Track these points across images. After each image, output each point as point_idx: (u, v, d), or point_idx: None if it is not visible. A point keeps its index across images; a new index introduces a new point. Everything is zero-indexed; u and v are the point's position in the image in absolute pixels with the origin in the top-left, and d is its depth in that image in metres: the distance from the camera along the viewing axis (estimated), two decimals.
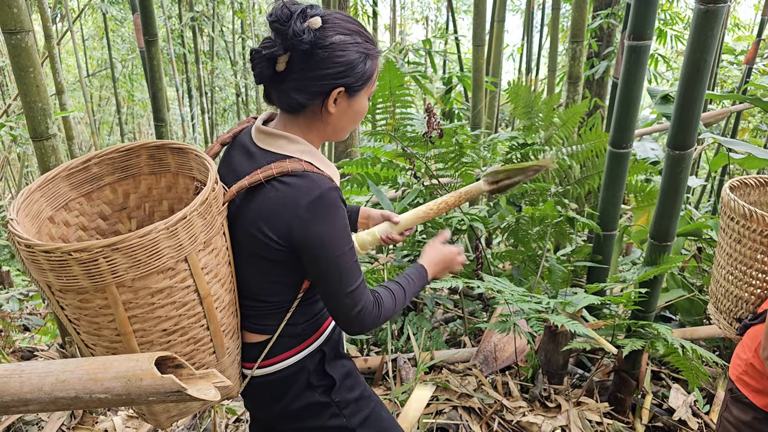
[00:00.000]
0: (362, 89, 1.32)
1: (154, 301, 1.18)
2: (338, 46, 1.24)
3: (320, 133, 1.37)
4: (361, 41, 1.28)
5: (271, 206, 1.26)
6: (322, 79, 1.25)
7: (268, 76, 1.26)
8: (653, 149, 3.97)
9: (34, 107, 2.49)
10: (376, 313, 1.35)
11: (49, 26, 6.44)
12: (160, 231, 1.12)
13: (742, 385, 1.61)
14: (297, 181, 1.25)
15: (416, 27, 16.08)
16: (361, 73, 1.29)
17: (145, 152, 1.48)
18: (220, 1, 10.47)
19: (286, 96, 1.28)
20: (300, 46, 1.20)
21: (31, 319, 4.09)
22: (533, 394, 2.62)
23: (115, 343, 1.22)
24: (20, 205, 1.27)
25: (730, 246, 1.79)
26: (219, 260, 1.29)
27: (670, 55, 8.59)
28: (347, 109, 1.33)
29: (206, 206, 1.21)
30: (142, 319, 1.19)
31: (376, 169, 3.31)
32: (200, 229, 1.21)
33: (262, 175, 1.26)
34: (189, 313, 1.25)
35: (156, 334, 1.23)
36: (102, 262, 1.09)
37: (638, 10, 2.34)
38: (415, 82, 5.40)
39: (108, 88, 14.08)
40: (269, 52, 1.22)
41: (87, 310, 1.18)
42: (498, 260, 3.57)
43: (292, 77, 1.26)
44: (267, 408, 1.52)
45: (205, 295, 1.25)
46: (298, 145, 1.32)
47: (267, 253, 1.31)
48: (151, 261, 1.13)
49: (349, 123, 1.38)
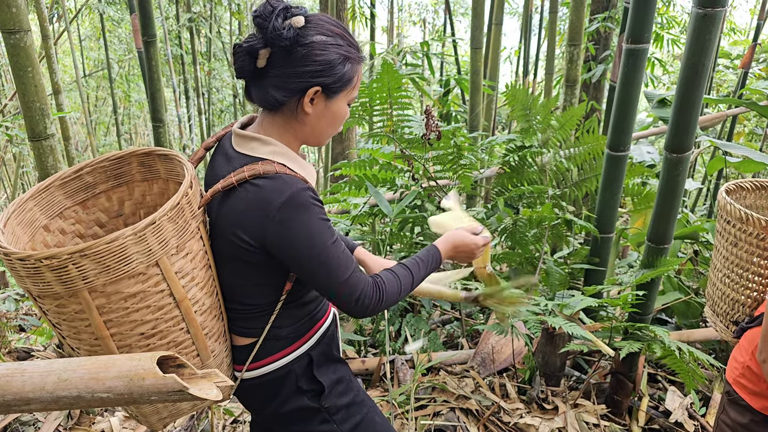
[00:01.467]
0: (341, 92, 1.32)
1: (128, 305, 1.20)
2: (318, 45, 1.25)
3: (297, 135, 1.36)
4: (343, 44, 1.28)
5: (243, 209, 1.27)
6: (300, 77, 1.25)
7: (248, 71, 1.27)
8: (649, 152, 3.98)
9: (33, 107, 2.48)
10: (377, 297, 1.35)
11: (46, 26, 6.43)
12: (128, 237, 1.14)
13: (740, 387, 1.62)
14: (268, 182, 1.25)
15: (414, 29, 16.10)
16: (340, 75, 1.29)
17: (135, 160, 1.50)
18: (218, 3, 10.46)
19: (265, 92, 1.29)
20: (280, 41, 1.21)
21: (27, 319, 4.07)
22: (530, 396, 2.63)
23: (95, 346, 1.24)
24: (10, 214, 1.29)
25: (726, 249, 1.80)
26: (195, 264, 1.30)
27: (667, 59, 8.62)
28: (324, 110, 1.33)
29: (177, 211, 1.22)
30: (117, 323, 1.21)
31: (374, 171, 3.31)
32: (171, 234, 1.21)
33: (235, 178, 1.27)
34: (166, 317, 1.26)
35: (134, 338, 1.24)
36: (72, 269, 1.11)
37: (636, 14, 2.36)
38: (413, 84, 5.41)
39: (105, 89, 14.06)
40: (249, 46, 1.23)
41: (65, 314, 1.20)
42: (495, 262, 3.58)
43: (272, 73, 1.26)
44: (259, 410, 1.53)
45: (182, 299, 1.26)
46: (271, 147, 1.32)
47: (244, 256, 1.31)
48: (120, 266, 1.15)
49: (327, 126, 1.37)
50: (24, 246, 1.32)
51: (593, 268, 2.87)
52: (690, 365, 2.45)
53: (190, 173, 1.31)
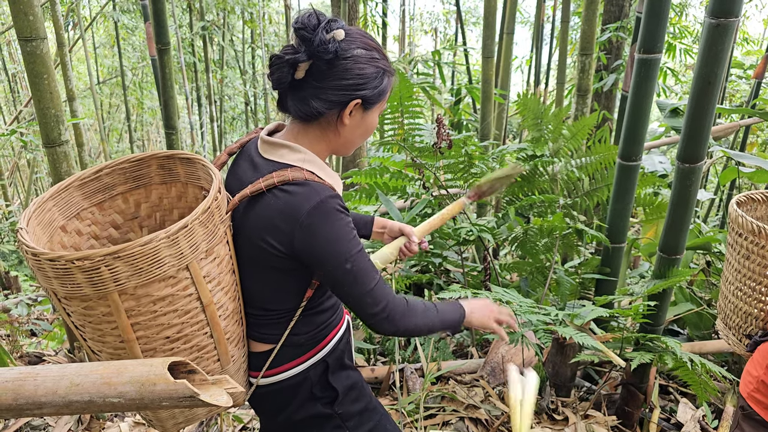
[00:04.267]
0: (376, 104, 1.35)
1: (156, 308, 1.20)
2: (360, 59, 1.27)
3: (329, 145, 1.38)
4: (379, 58, 1.31)
5: (272, 214, 1.27)
6: (342, 89, 1.27)
7: (286, 83, 1.28)
8: (661, 162, 3.97)
9: (48, 114, 2.52)
10: (402, 311, 1.35)
11: (62, 34, 6.52)
12: (161, 240, 1.14)
13: (754, 402, 1.60)
14: (297, 189, 1.26)
15: (425, 38, 16.15)
16: (378, 89, 1.31)
17: (155, 162, 1.50)
18: (231, 11, 10.55)
19: (304, 103, 1.29)
20: (324, 54, 1.22)
21: (39, 323, 4.11)
22: (540, 407, 2.61)
23: (119, 350, 1.24)
24: (31, 214, 1.29)
25: (738, 262, 1.78)
26: (222, 269, 1.30)
27: (679, 69, 8.59)
28: (360, 122, 1.35)
29: (208, 215, 1.23)
30: (144, 327, 1.21)
31: (385, 179, 3.32)
32: (202, 238, 1.22)
33: (264, 183, 1.27)
34: (192, 321, 1.26)
35: (159, 342, 1.24)
36: (104, 271, 1.11)
37: (648, 24, 2.35)
38: (424, 93, 5.42)
39: (118, 96, 14.19)
40: (292, 58, 1.24)
41: (91, 317, 1.20)
42: (506, 271, 3.57)
43: (312, 85, 1.27)
44: (272, 417, 1.53)
45: (208, 303, 1.26)
46: (300, 154, 1.33)
47: (269, 262, 1.32)
48: (153, 269, 1.15)
49: (359, 137, 1.39)
50: (44, 246, 1.32)
51: (604, 278, 2.85)
52: (702, 377, 2.43)
53: (217, 177, 1.31)
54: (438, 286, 3.24)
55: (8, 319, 3.93)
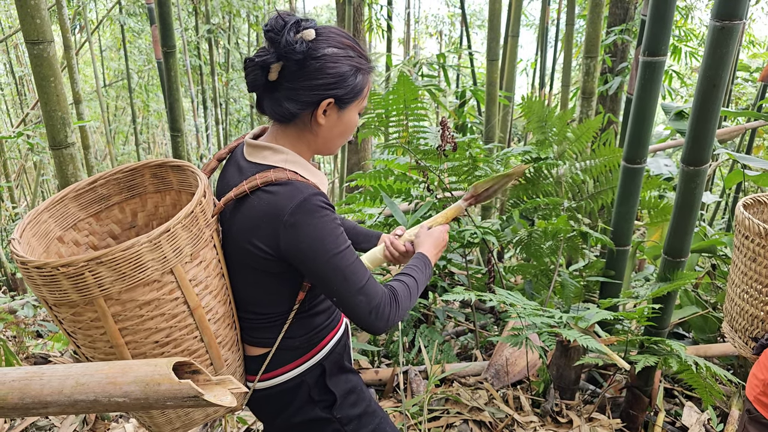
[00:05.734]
0: (352, 102, 1.34)
1: (142, 313, 1.21)
2: (330, 58, 1.26)
3: (310, 145, 1.38)
4: (353, 55, 1.30)
5: (257, 216, 1.27)
6: (313, 89, 1.27)
7: (260, 85, 1.29)
8: (666, 165, 3.95)
9: (54, 116, 2.53)
10: (394, 306, 1.35)
11: (69, 37, 6.55)
12: (143, 244, 1.15)
13: (760, 405, 1.60)
14: (280, 189, 1.26)
15: (430, 41, 16.17)
16: (352, 86, 1.30)
17: (148, 171, 1.52)
18: (236, 14, 10.59)
19: (278, 105, 1.30)
20: (293, 55, 1.23)
21: (44, 325, 4.12)
22: (545, 409, 2.61)
23: (110, 354, 1.25)
24: (26, 225, 1.31)
25: (744, 264, 1.78)
26: (209, 272, 1.31)
27: (684, 71, 8.58)
28: (337, 121, 1.35)
29: (191, 219, 1.23)
30: (132, 331, 1.22)
31: (390, 182, 3.32)
32: (186, 242, 1.22)
33: (247, 186, 1.28)
34: (180, 325, 1.26)
35: (148, 346, 1.25)
36: (88, 276, 1.13)
37: (653, 26, 2.35)
38: (429, 95, 5.42)
39: (124, 99, 14.26)
40: (261, 60, 1.25)
41: (80, 323, 1.22)
42: (510, 274, 3.57)
43: (285, 86, 1.28)
44: (271, 420, 1.53)
45: (195, 307, 1.27)
46: (283, 155, 1.33)
47: (258, 264, 1.32)
48: (136, 273, 1.16)
49: (339, 136, 1.39)
50: (39, 257, 1.34)
51: (609, 281, 2.84)
52: (707, 380, 2.42)
53: (203, 182, 1.32)
54: (442, 288, 3.24)
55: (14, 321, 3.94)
